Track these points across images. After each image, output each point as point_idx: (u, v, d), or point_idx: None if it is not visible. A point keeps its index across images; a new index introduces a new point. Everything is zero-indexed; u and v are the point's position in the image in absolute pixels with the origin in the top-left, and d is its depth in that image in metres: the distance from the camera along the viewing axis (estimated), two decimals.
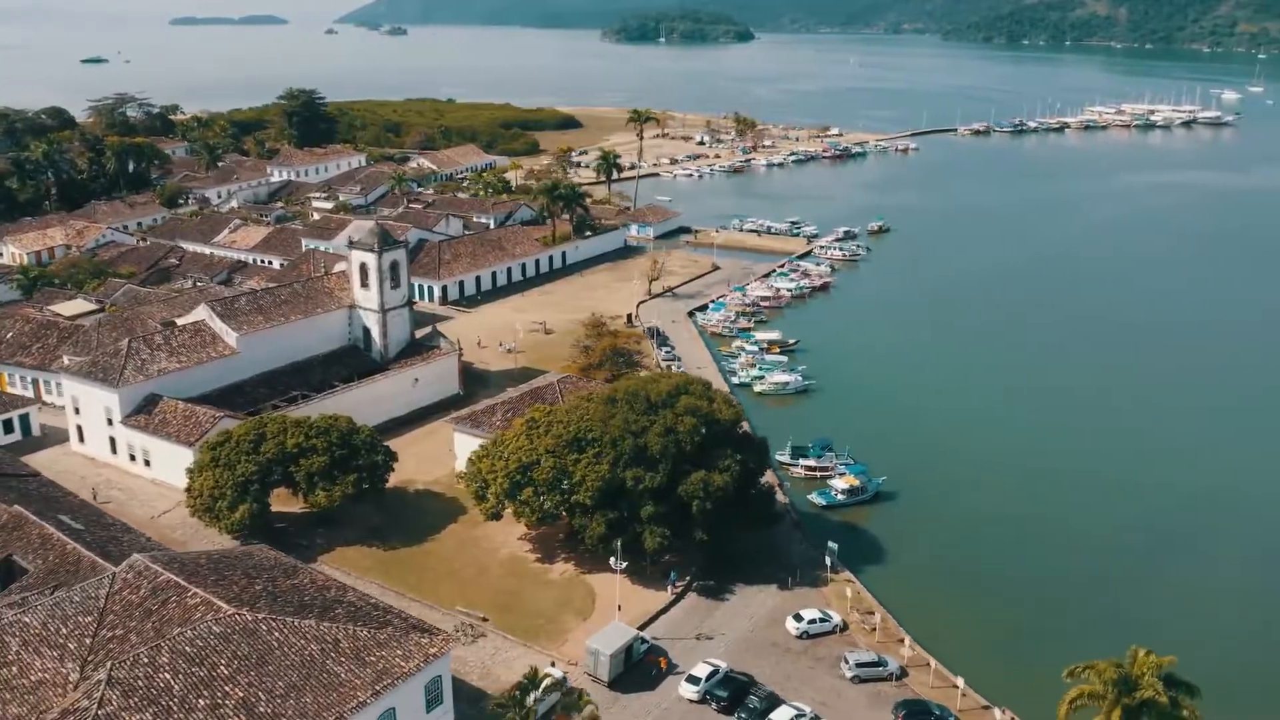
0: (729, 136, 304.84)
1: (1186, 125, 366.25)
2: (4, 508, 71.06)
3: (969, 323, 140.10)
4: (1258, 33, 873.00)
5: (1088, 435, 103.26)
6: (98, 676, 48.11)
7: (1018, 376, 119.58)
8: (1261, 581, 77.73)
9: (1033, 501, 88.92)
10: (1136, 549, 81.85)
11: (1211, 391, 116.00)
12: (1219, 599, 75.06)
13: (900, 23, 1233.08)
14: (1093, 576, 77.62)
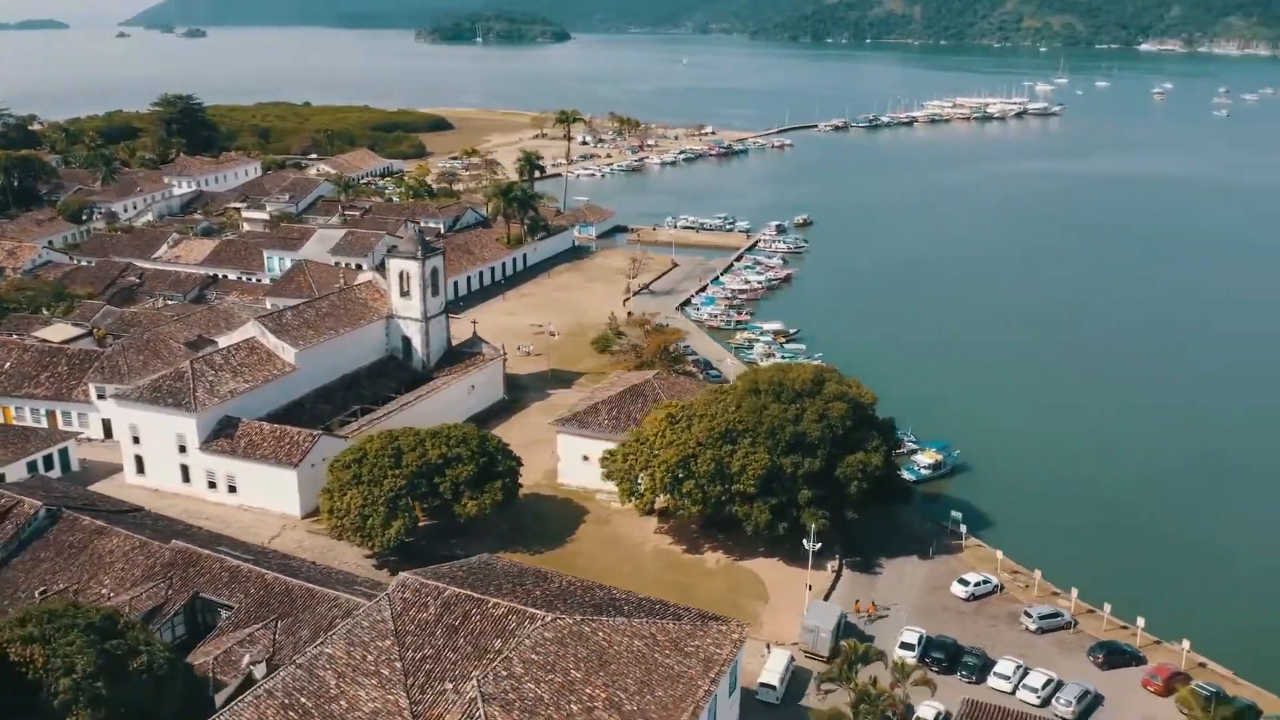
0: (609, 137, 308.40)
1: (1019, 116, 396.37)
2: (162, 545, 67.11)
3: (933, 298, 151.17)
4: (1041, 27, 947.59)
5: (1098, 392, 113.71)
6: (469, 695, 47.43)
7: (1006, 341, 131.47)
8: None
9: (1084, 456, 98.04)
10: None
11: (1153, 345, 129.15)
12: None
13: (707, 23, 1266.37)
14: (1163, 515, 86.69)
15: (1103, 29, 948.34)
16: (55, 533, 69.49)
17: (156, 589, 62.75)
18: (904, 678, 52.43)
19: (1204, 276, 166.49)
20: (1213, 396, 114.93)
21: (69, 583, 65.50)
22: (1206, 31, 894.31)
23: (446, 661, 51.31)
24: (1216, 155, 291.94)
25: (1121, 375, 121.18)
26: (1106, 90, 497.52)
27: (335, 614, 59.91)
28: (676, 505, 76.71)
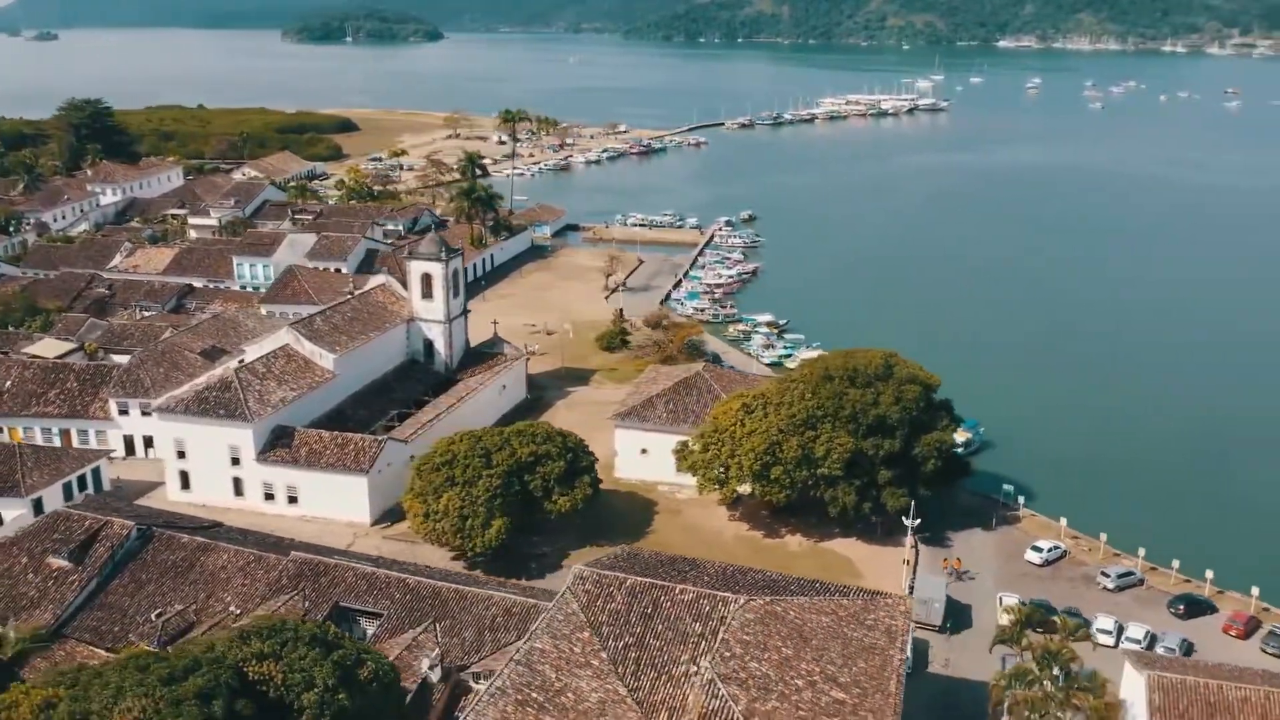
0: (525, 136, 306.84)
1: (910, 113, 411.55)
2: (280, 558, 65.55)
3: (902, 282, 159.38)
4: (904, 26, 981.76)
5: (1096, 364, 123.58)
6: (705, 676, 48.64)
7: (989, 319, 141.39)
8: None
9: (1099, 425, 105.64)
10: None
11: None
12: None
13: (579, 22, 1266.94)
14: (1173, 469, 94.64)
15: (962, 27, 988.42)
16: (150, 553, 66.98)
17: (293, 602, 61.27)
18: (1071, 635, 55.78)
19: (1157, 257, 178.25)
20: (1190, 365, 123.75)
21: (185, 602, 63.36)
22: (1059, 28, 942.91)
23: (650, 649, 52.20)
24: (1111, 146, 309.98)
25: (1114, 346, 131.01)
26: (981, 86, 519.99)
27: (494, 613, 59.95)
28: (763, 492, 78.63)
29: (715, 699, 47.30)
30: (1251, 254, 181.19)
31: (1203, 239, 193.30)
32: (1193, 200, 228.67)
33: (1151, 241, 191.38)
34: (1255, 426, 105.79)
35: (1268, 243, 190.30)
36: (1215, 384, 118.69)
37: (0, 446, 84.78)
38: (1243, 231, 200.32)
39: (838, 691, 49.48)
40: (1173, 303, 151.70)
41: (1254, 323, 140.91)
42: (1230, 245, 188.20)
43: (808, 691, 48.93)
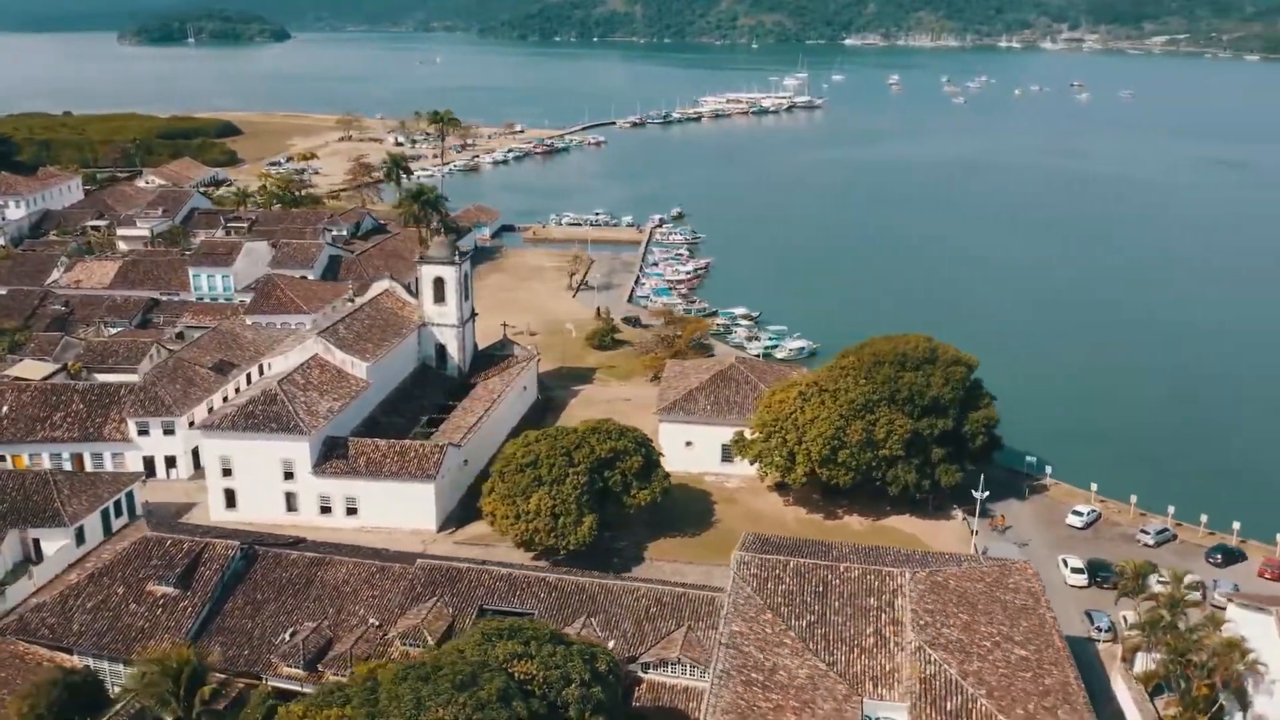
0: (422, 138, 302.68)
1: (789, 110, 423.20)
2: (405, 566, 64.94)
3: (857, 269, 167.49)
4: (755, 25, 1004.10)
5: (1073, 334, 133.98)
6: (913, 645, 51.26)
7: (956, 296, 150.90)
8: None
9: (1096, 392, 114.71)
10: None
11: None
12: None
13: (429, 20, 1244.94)
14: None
15: (810, 26, 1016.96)
16: (258, 572, 65.30)
17: (439, 608, 60.79)
18: (1179, 582, 60.96)
19: (1075, 238, 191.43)
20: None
21: (315, 619, 61.99)
22: (901, 26, 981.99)
23: (834, 624, 54.66)
24: (989, 138, 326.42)
25: (1084, 322, 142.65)
26: (844, 83, 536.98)
27: (645, 604, 61.09)
28: (829, 475, 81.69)
29: (929, 665, 50.02)
30: (1154, 232, 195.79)
31: (1116, 223, 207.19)
32: (1093, 187, 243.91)
33: (1072, 226, 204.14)
34: (1249, 388, 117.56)
35: (1170, 223, 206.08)
36: (1195, 350, 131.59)
37: (31, 475, 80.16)
38: (1147, 213, 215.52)
39: (1019, 649, 52.99)
40: (1128, 282, 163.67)
41: (1198, 293, 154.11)
42: (1134, 227, 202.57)
43: (997, 651, 52.23)
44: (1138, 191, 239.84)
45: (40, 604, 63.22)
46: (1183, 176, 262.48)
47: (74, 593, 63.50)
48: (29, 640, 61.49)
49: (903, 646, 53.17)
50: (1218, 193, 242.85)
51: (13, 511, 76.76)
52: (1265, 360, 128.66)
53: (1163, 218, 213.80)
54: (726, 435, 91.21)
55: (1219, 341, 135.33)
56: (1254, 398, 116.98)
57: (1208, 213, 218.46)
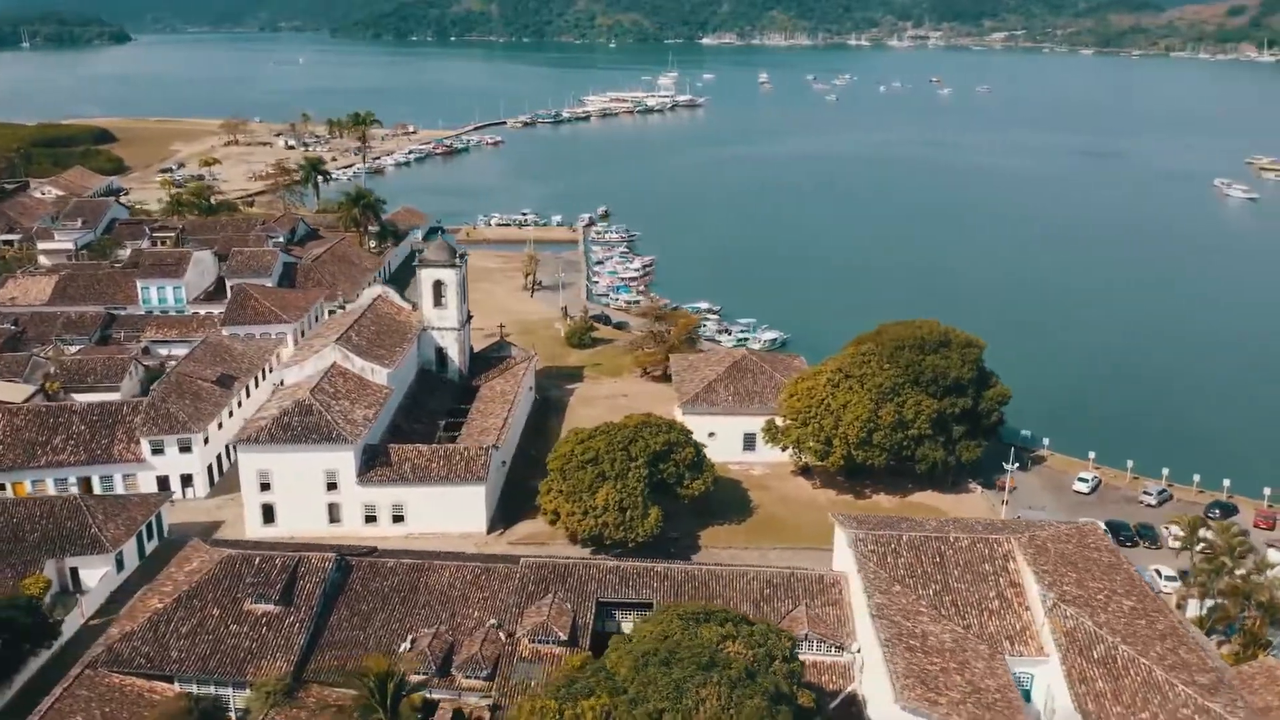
0: (313, 140, 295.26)
1: (673, 109, 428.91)
2: (510, 567, 65.28)
3: (794, 260, 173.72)
4: (614, 25, 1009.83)
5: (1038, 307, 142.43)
6: (1049, 602, 54.83)
7: (876, 278, 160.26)
8: None
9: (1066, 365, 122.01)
10: None
11: None
12: None
13: (276, 20, 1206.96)
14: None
15: (667, 25, 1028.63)
16: (357, 583, 64.31)
17: (558, 605, 61.22)
18: (1227, 532, 67.00)
19: (990, 223, 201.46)
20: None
21: (428, 624, 61.59)
22: (755, 25, 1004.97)
23: (958, 591, 57.96)
24: (871, 132, 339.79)
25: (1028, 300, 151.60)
26: (715, 82, 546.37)
27: (757, 587, 63.01)
28: (864, 456, 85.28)
29: (1068, 619, 53.74)
30: (1066, 214, 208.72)
31: (1019, 206, 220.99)
32: (987, 177, 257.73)
33: (981, 210, 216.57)
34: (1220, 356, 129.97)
35: (1074, 205, 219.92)
36: (1149, 322, 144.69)
37: (60, 501, 76.34)
38: (1042, 198, 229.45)
39: (1125, 600, 57.37)
40: (1062, 260, 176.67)
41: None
42: (1042, 209, 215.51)
43: (1111, 603, 56.46)
44: (1029, 179, 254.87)
45: (129, 633, 60.55)
46: (1062, 164, 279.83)
47: (164, 619, 61.08)
48: (124, 671, 58.95)
49: (1027, 606, 56.90)
50: (1095, 177, 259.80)
51: (46, 540, 73.04)
52: (1220, 328, 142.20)
53: (1062, 201, 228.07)
54: (748, 425, 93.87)
55: (1165, 314, 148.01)
56: (1226, 364, 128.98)
57: (1097, 196, 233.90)
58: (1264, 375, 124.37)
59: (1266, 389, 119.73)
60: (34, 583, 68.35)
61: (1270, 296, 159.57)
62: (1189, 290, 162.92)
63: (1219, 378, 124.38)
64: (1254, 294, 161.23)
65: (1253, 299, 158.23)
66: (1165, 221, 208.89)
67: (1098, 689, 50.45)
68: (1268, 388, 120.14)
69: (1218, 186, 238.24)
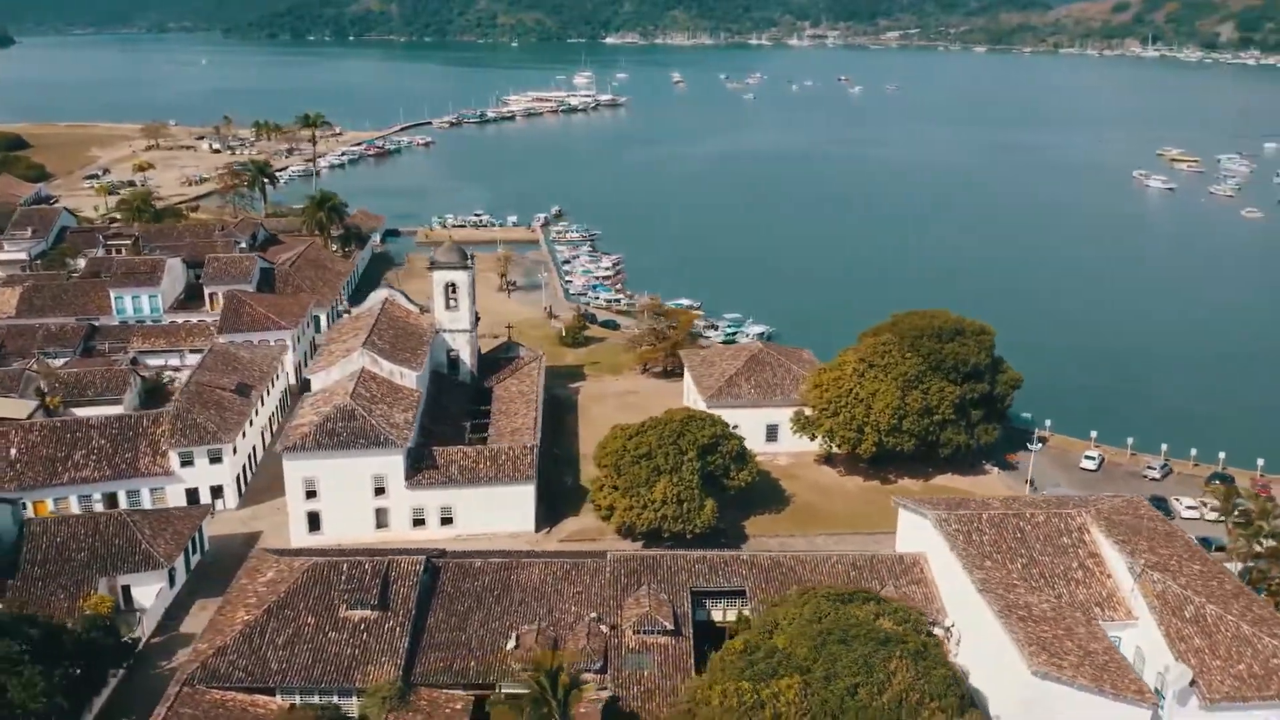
0: (238, 143, 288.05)
1: (595, 108, 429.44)
2: (599, 561, 65.96)
3: (755, 251, 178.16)
4: (516, 24, 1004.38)
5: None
6: (1138, 568, 58.04)
7: (834, 270, 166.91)
8: None
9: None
10: None
11: None
12: None
13: (165, 21, 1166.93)
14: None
15: (569, 24, 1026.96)
16: (446, 584, 64.33)
17: (655, 595, 62.24)
18: (1257, 498, 71.85)
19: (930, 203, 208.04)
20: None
21: (527, 622, 62.00)
22: (657, 24, 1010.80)
23: (1043, 564, 61.04)
24: (793, 131, 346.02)
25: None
26: (630, 81, 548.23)
27: (843, 569, 65.14)
28: (894, 443, 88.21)
29: (1157, 583, 57.07)
30: (995, 206, 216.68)
31: (969, 197, 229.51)
32: (919, 172, 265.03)
33: (915, 201, 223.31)
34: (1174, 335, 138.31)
35: (997, 196, 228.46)
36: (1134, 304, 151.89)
37: (105, 517, 74.29)
38: (978, 189, 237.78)
39: (1192, 564, 61.16)
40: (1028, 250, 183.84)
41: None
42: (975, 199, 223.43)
43: (1183, 567, 60.11)
44: (963, 173, 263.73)
45: (221, 647, 59.44)
46: (988, 158, 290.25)
47: (257, 630, 60.13)
48: (222, 686, 57.95)
49: (1109, 574, 60.20)
50: (1021, 170, 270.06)
51: (95, 559, 71.02)
52: (1187, 311, 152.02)
53: (999, 193, 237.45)
54: (771, 416, 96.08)
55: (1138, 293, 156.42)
56: (1200, 345, 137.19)
57: (1027, 188, 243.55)
58: (1239, 354, 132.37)
59: (1244, 367, 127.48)
60: (99, 602, 66.42)
61: (1212, 279, 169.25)
62: (1142, 275, 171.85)
63: (1195, 358, 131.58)
64: (1200, 277, 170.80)
65: (1199, 282, 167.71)
66: (1099, 211, 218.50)
67: (1195, 645, 53.79)
68: (1243, 365, 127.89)
69: (1137, 177, 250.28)
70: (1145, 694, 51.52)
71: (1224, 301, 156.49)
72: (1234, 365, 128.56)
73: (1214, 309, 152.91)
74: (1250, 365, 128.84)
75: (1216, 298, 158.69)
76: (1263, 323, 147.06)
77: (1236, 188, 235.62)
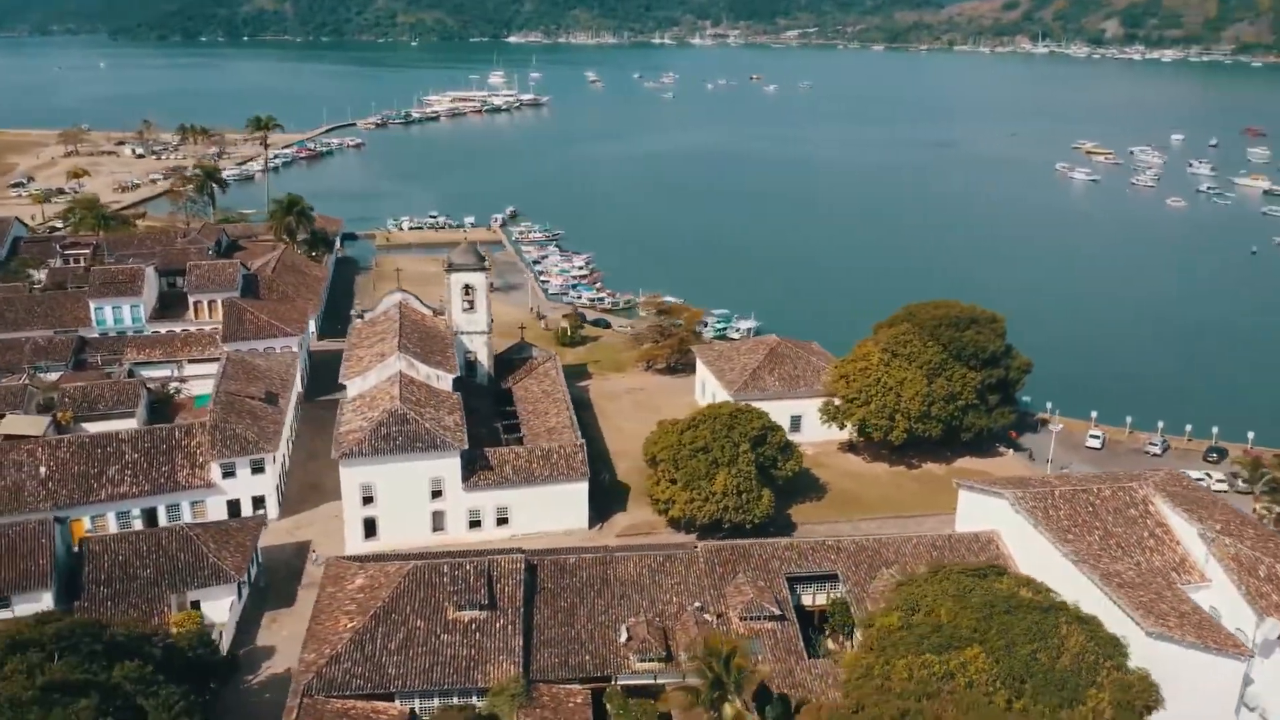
0: (161, 148, 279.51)
1: (519, 108, 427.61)
2: (690, 550, 67.19)
3: (720, 244, 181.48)
4: (416, 23, 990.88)
5: None
6: (1209, 534, 62.11)
7: (796, 265, 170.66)
8: None
9: None
10: None
11: None
12: None
13: (47, 23, 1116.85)
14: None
15: (471, 23, 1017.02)
16: (545, 581, 65.07)
17: (754, 582, 63.99)
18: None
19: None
20: None
21: (630, 614, 63.17)
22: (559, 24, 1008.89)
23: (1118, 535, 64.81)
24: (728, 128, 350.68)
25: None
26: (545, 80, 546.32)
27: (923, 549, 67.80)
28: (923, 429, 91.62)
29: (1228, 546, 61.24)
30: (934, 200, 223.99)
31: (911, 191, 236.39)
32: (849, 168, 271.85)
33: (866, 197, 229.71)
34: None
35: (931, 191, 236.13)
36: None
37: (166, 533, 72.64)
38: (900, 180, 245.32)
39: (1247, 529, 65.76)
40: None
41: None
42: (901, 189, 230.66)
43: (1240, 531, 64.58)
44: (897, 169, 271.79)
45: (335, 655, 59.10)
46: (914, 154, 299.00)
47: (367, 637, 59.93)
48: (341, 695, 57.70)
49: (1178, 541, 64.23)
50: (947, 165, 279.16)
51: (161, 575, 69.48)
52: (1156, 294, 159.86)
53: (933, 188, 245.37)
54: (794, 407, 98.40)
55: None
56: (1177, 326, 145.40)
57: (958, 181, 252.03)
58: (1207, 333, 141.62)
59: (1227, 348, 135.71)
60: (186, 619, 65.11)
61: (1163, 264, 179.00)
62: (1099, 262, 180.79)
63: (1166, 338, 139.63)
64: (1153, 263, 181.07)
65: (1153, 267, 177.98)
66: (1033, 203, 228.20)
67: (1274, 601, 58.03)
68: (1215, 343, 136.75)
69: (1061, 170, 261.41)
70: (1241, 647, 55.43)
71: (1182, 286, 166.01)
72: (1206, 344, 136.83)
73: (1175, 292, 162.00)
74: (1221, 343, 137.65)
75: (1173, 282, 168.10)
76: (1223, 302, 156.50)
77: (1156, 178, 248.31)
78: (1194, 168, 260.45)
